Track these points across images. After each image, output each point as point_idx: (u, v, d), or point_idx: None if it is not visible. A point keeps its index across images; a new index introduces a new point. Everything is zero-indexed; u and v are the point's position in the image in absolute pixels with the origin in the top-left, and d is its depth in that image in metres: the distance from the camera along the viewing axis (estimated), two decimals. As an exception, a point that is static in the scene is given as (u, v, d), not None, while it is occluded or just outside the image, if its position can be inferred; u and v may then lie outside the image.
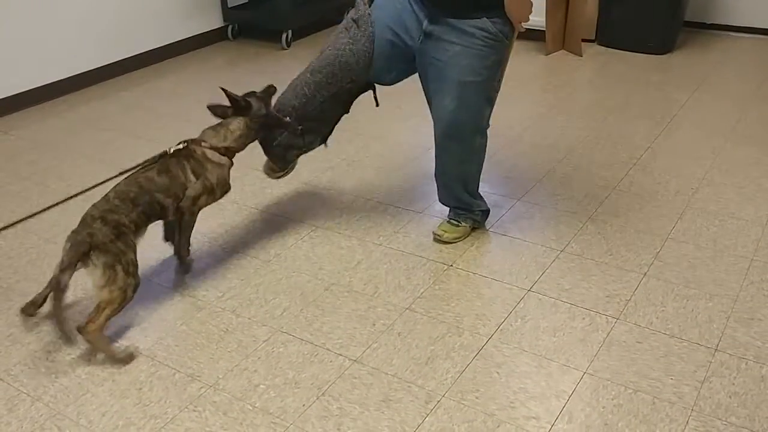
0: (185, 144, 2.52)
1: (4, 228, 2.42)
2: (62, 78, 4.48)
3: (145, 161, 2.47)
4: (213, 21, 5.40)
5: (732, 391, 2.08)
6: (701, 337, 2.30)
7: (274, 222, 3.04)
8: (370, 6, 2.58)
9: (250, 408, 2.08)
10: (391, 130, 3.89)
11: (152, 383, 2.19)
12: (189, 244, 2.68)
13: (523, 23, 2.52)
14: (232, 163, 2.61)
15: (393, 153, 3.64)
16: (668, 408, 2.03)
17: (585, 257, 2.73)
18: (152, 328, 2.43)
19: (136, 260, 2.32)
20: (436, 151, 2.76)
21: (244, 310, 2.50)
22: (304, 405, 2.09)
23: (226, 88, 2.56)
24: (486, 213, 2.94)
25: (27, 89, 4.30)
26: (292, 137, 2.80)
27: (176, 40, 5.15)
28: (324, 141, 2.94)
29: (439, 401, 2.08)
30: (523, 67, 4.81)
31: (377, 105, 2.80)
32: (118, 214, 2.31)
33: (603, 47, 5.05)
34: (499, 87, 2.66)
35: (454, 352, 2.27)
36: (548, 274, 2.64)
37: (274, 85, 2.68)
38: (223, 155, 2.56)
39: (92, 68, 4.65)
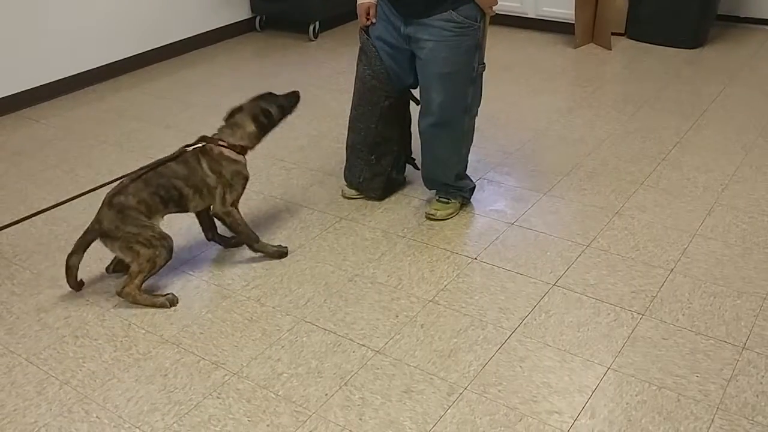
0: (203, 143, 2.57)
1: (31, 216, 2.49)
2: (92, 68, 4.54)
3: (163, 158, 2.55)
4: (241, 12, 5.43)
5: (759, 390, 2.05)
6: (728, 335, 2.27)
7: (299, 213, 3.06)
8: (368, 31, 2.79)
9: (273, 396, 2.10)
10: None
11: (177, 370, 2.22)
12: (255, 240, 2.71)
13: (493, 8, 2.64)
14: (246, 160, 2.67)
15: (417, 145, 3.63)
16: (693, 406, 2.01)
17: (611, 252, 2.70)
18: (178, 316, 2.46)
19: (158, 231, 2.47)
20: (424, 143, 2.88)
21: (269, 299, 2.52)
22: (326, 394, 2.10)
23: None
24: (473, 190, 3.05)
25: (58, 79, 4.37)
26: (370, 167, 3.00)
27: (205, 31, 5.18)
28: (407, 160, 3.13)
29: (461, 394, 2.08)
30: (551, 60, 4.77)
31: (418, 104, 2.90)
32: (124, 195, 2.43)
33: (633, 41, 4.99)
34: (484, 65, 2.76)
35: (477, 345, 2.27)
36: (573, 268, 2.62)
37: (299, 92, 2.78)
38: (239, 153, 2.62)
39: (122, 58, 4.70)
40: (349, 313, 2.44)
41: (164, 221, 2.53)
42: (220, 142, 2.59)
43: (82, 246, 2.46)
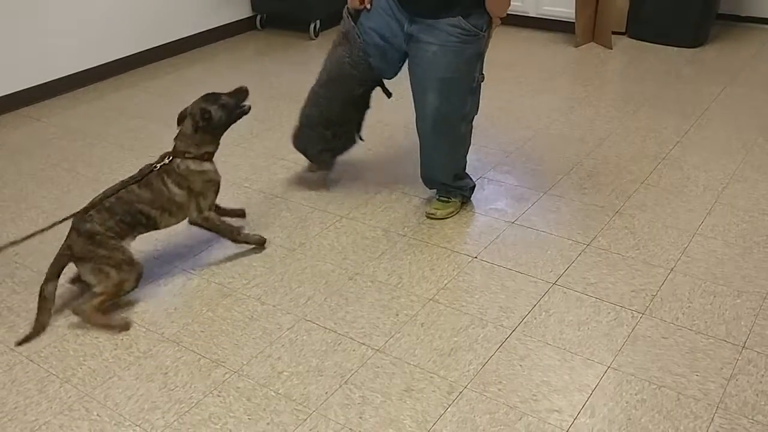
0: (169, 158, 2.54)
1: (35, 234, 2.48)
2: (93, 66, 4.54)
3: (128, 178, 2.53)
4: (242, 11, 5.43)
5: (759, 390, 2.06)
6: (728, 334, 2.27)
7: (300, 211, 3.06)
8: (356, 18, 2.74)
9: (274, 394, 2.11)
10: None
11: (177, 368, 2.22)
12: (236, 234, 2.74)
13: (500, 17, 2.62)
14: (213, 164, 2.63)
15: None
16: (693, 404, 2.01)
17: (611, 251, 2.70)
18: (178, 314, 2.46)
19: (129, 256, 2.42)
20: (423, 146, 2.86)
21: (269, 297, 2.52)
22: (326, 393, 2.10)
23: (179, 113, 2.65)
24: (473, 188, 3.04)
25: (58, 77, 4.37)
26: (325, 141, 3.00)
27: (205, 30, 5.18)
28: (356, 139, 3.11)
29: (461, 392, 2.08)
30: (552, 59, 4.77)
31: (389, 96, 2.92)
32: (90, 223, 2.40)
33: (633, 40, 4.98)
34: (483, 76, 2.75)
35: (477, 343, 2.27)
36: (574, 267, 2.62)
37: (245, 87, 2.69)
38: (206, 160, 2.59)
39: (122, 57, 4.70)
40: (350, 311, 2.44)
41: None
42: (187, 155, 2.54)
43: (55, 272, 2.39)
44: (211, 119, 2.57)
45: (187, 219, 2.64)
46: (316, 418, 2.02)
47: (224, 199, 3.15)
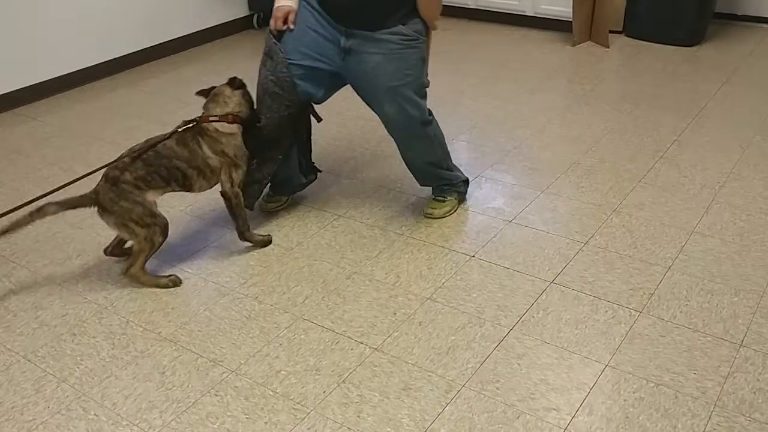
0: (194, 122, 2.58)
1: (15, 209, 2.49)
2: (89, 65, 4.53)
3: (154, 137, 2.56)
4: (238, 10, 5.42)
5: (756, 387, 2.06)
6: (726, 332, 2.27)
7: (297, 210, 3.05)
8: (279, 38, 2.64)
9: (272, 393, 2.10)
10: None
11: (175, 367, 2.22)
12: (247, 225, 2.74)
13: (436, 23, 2.61)
14: (240, 130, 2.66)
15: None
16: (691, 402, 2.02)
17: (609, 250, 2.70)
18: (175, 313, 2.46)
19: (149, 209, 2.48)
20: (398, 146, 2.85)
21: (267, 296, 2.52)
22: (324, 392, 2.10)
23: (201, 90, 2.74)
24: (467, 182, 3.04)
25: (55, 76, 4.36)
26: (250, 173, 2.78)
27: (202, 29, 5.17)
28: (308, 167, 3.04)
29: (459, 391, 2.08)
30: (549, 58, 4.78)
31: (319, 121, 2.89)
32: (120, 170, 2.45)
33: (630, 39, 4.99)
34: (428, 82, 2.74)
35: (474, 342, 2.27)
36: (571, 266, 2.62)
37: (240, 80, 2.72)
38: (231, 123, 2.62)
39: (119, 56, 4.69)
40: (347, 310, 2.44)
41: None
42: (211, 118, 2.59)
43: (69, 203, 2.45)
44: (243, 85, 2.68)
45: (220, 188, 2.66)
46: (314, 417, 2.02)
47: (221, 199, 3.15)
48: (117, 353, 2.29)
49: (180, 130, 2.56)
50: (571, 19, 4.88)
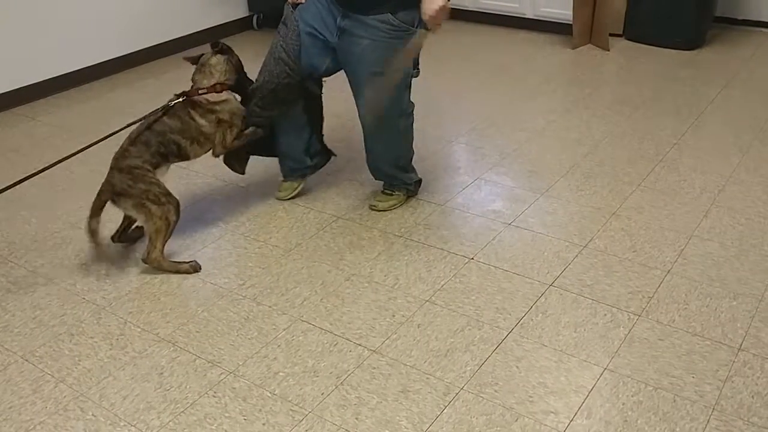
0: (184, 96, 2.66)
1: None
2: (88, 65, 4.52)
3: (148, 114, 2.65)
4: (238, 11, 5.42)
5: (755, 391, 2.06)
6: (724, 336, 2.27)
7: (296, 212, 3.05)
8: (295, 8, 2.77)
9: (269, 395, 2.10)
10: (418, 121, 3.85)
11: (173, 368, 2.21)
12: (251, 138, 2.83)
13: (432, 20, 2.52)
14: (231, 95, 2.75)
15: (418, 144, 3.62)
16: (689, 406, 2.01)
17: (608, 253, 2.70)
18: (174, 314, 2.45)
19: (164, 188, 2.60)
20: (365, 137, 2.91)
21: (265, 298, 2.52)
22: (322, 393, 2.10)
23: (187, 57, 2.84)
24: (419, 182, 3.11)
25: (53, 76, 4.35)
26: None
27: (202, 29, 5.17)
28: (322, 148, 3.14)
29: (457, 394, 2.08)
30: (549, 60, 4.78)
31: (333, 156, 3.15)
32: (130, 159, 2.56)
33: (630, 42, 4.99)
34: (418, 71, 2.78)
35: (473, 345, 2.27)
36: (570, 269, 2.62)
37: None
38: (221, 92, 2.70)
39: (118, 56, 4.69)
40: (346, 312, 2.44)
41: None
42: (200, 90, 2.67)
43: (98, 208, 2.54)
44: (230, 49, 2.81)
45: (212, 153, 2.76)
46: (312, 419, 2.01)
47: (222, 200, 3.16)
48: (115, 354, 2.28)
49: (171, 105, 2.64)
50: (571, 22, 4.88)
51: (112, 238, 2.80)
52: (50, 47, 4.29)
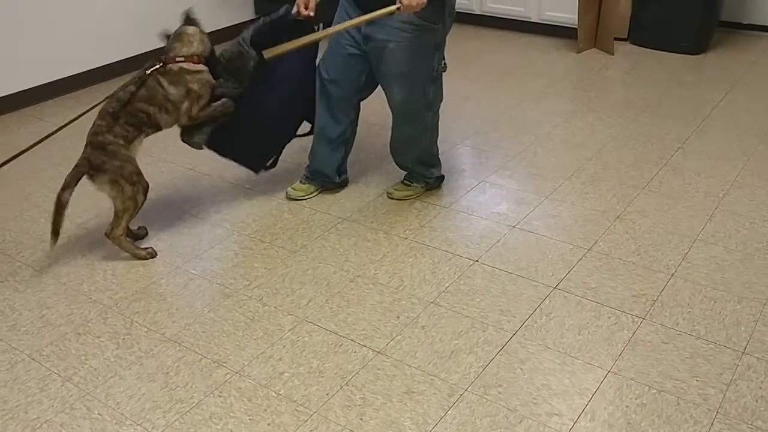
0: (161, 63, 2.67)
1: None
2: (96, 67, 4.54)
3: (126, 83, 2.67)
4: (244, 13, 5.44)
5: (759, 395, 2.06)
6: (728, 340, 2.27)
7: (302, 213, 3.07)
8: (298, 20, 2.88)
9: (275, 395, 2.11)
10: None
11: (179, 368, 2.23)
12: (219, 110, 2.81)
13: (406, 8, 2.47)
14: (206, 68, 2.77)
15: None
16: (693, 409, 2.02)
17: (612, 256, 2.71)
18: (180, 314, 2.47)
19: (137, 168, 2.66)
20: (393, 129, 2.98)
21: (271, 299, 2.53)
22: (327, 394, 2.11)
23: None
24: (441, 179, 3.18)
25: (62, 77, 4.38)
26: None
27: (209, 31, 5.16)
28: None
29: (461, 395, 2.09)
30: (554, 64, 4.79)
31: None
32: (102, 135, 2.60)
33: (635, 46, 5.00)
34: (445, 65, 2.82)
35: (477, 347, 2.28)
36: (575, 272, 2.63)
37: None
38: (197, 63, 2.72)
39: (126, 57, 4.70)
40: (351, 313, 2.45)
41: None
42: (177, 59, 2.69)
43: (72, 181, 2.58)
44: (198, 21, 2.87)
45: (178, 123, 2.77)
46: (317, 419, 2.02)
47: (228, 201, 3.17)
48: (121, 353, 2.30)
49: (147, 73, 2.65)
50: (576, 26, 4.89)
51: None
52: (58, 49, 4.31)
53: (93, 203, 2.85)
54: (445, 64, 2.82)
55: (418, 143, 3.00)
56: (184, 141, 2.87)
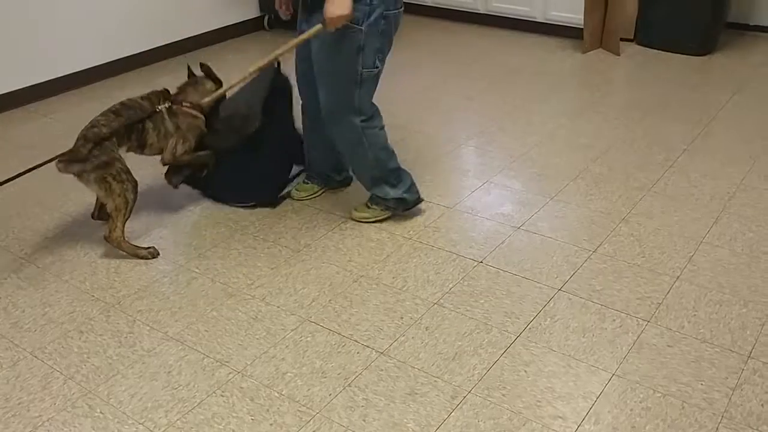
0: (169, 104, 2.80)
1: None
2: (101, 63, 4.55)
3: (132, 101, 2.79)
4: (249, 11, 5.43)
5: (764, 400, 2.05)
6: (734, 344, 2.26)
7: (305, 213, 3.06)
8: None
9: (277, 395, 2.10)
10: (428, 124, 3.88)
11: (181, 367, 2.22)
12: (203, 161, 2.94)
13: (331, 23, 2.45)
14: (204, 118, 2.91)
15: (428, 147, 3.63)
16: (698, 413, 2.01)
17: (617, 258, 2.70)
18: (182, 313, 2.46)
19: (125, 166, 2.68)
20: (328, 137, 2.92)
21: (274, 298, 2.52)
22: (330, 394, 2.10)
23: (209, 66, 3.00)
24: (400, 201, 2.88)
25: (67, 74, 4.38)
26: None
27: (213, 29, 5.19)
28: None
29: (465, 397, 2.08)
30: (559, 64, 4.77)
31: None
32: (98, 127, 2.63)
33: (641, 47, 4.98)
34: (380, 67, 2.65)
35: (481, 348, 2.27)
36: (579, 274, 2.62)
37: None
38: (199, 112, 2.85)
39: (130, 55, 4.71)
40: (354, 314, 2.44)
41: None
42: (185, 104, 2.84)
43: (70, 159, 2.61)
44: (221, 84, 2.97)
45: (161, 159, 2.85)
46: (320, 419, 2.02)
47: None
48: (124, 351, 2.29)
49: (156, 110, 2.77)
50: (582, 26, 4.88)
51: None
52: (64, 45, 4.31)
53: (95, 202, 2.84)
54: (377, 66, 2.62)
55: (358, 155, 2.80)
56: (165, 178, 3.00)
